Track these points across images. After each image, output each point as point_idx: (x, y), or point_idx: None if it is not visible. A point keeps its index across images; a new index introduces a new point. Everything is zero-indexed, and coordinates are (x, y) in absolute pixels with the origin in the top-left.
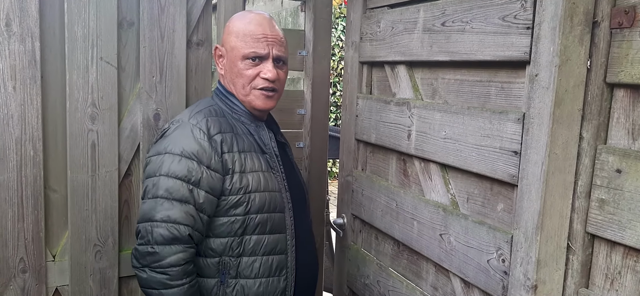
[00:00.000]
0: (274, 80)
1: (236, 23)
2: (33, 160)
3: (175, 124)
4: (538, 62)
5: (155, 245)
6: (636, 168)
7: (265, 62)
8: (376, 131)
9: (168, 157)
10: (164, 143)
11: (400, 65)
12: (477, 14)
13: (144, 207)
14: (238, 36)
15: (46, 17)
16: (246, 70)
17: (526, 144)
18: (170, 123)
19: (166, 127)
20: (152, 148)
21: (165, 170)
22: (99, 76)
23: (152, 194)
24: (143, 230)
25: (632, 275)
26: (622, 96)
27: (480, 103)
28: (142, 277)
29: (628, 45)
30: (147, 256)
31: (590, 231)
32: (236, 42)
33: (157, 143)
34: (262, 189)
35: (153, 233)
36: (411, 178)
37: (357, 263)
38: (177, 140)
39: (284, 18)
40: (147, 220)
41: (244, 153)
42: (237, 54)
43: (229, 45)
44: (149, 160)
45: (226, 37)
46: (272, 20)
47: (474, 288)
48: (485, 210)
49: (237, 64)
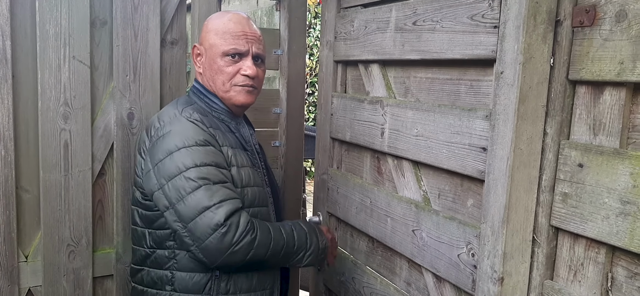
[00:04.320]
0: (254, 77)
1: (215, 21)
2: (4, 160)
3: (167, 121)
4: (503, 60)
5: (225, 225)
6: (597, 163)
7: (245, 59)
8: (351, 129)
9: (186, 150)
10: (170, 141)
11: (374, 64)
12: (447, 13)
13: (190, 204)
14: (217, 33)
15: (17, 16)
16: (226, 67)
17: (492, 140)
18: (158, 122)
19: (156, 126)
20: (154, 153)
21: (190, 162)
22: (72, 75)
23: (190, 188)
24: (204, 224)
25: (593, 266)
26: (583, 93)
27: (450, 101)
28: (237, 258)
29: (589, 43)
30: (225, 239)
31: (555, 224)
32: (215, 40)
33: (160, 145)
34: (252, 184)
35: (216, 217)
36: (385, 176)
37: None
38: (184, 133)
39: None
40: (202, 210)
41: (232, 148)
42: (216, 51)
43: (208, 42)
44: (161, 164)
45: (204, 36)
46: (250, 19)
47: (445, 282)
48: (455, 206)
49: (216, 61)
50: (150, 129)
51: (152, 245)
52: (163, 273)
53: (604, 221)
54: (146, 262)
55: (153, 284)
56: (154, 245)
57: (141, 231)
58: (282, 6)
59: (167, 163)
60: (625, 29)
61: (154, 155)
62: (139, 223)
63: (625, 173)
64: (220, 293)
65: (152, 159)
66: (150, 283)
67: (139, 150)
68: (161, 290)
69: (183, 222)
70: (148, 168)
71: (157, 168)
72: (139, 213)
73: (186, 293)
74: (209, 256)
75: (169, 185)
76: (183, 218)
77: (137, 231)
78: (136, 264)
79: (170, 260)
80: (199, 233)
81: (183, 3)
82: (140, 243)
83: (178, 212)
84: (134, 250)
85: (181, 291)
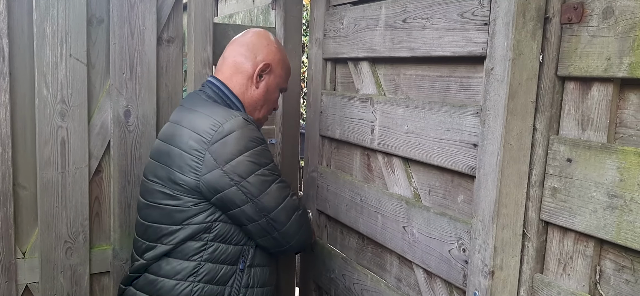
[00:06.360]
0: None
1: (284, 51)
2: (1, 157)
3: (223, 121)
4: (493, 57)
5: (300, 208)
6: (585, 157)
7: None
8: (340, 127)
9: (259, 149)
10: (240, 141)
11: (363, 62)
12: (437, 10)
13: (273, 195)
14: (284, 68)
15: (14, 14)
16: (276, 98)
17: (483, 135)
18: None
19: (212, 129)
20: (220, 152)
21: (264, 160)
22: (69, 73)
23: (269, 182)
24: (288, 208)
25: (582, 259)
26: (572, 88)
27: (440, 98)
28: (304, 237)
29: (577, 40)
30: (301, 219)
31: (544, 218)
32: (282, 73)
33: (227, 144)
34: None
35: (295, 202)
36: (375, 173)
37: (322, 258)
38: (250, 134)
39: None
40: (284, 198)
41: None
42: (279, 83)
43: (278, 70)
44: (236, 162)
45: (275, 59)
46: None
47: (436, 278)
48: (446, 202)
49: (275, 91)
50: (199, 132)
51: (183, 237)
52: (188, 264)
53: (592, 215)
54: (170, 254)
55: (174, 274)
56: (185, 238)
57: (165, 227)
58: (278, 5)
59: (242, 162)
60: (612, 26)
61: (221, 155)
62: (164, 219)
63: (613, 167)
64: (242, 287)
65: (218, 159)
66: (170, 273)
67: (186, 151)
68: (181, 281)
69: (266, 211)
70: (212, 168)
71: (229, 166)
72: (168, 209)
73: (209, 284)
74: (287, 237)
75: (249, 181)
76: (267, 208)
77: (160, 227)
78: (151, 259)
79: (201, 252)
80: (283, 218)
81: (179, 1)
82: (160, 238)
83: (262, 204)
84: (147, 245)
85: (206, 283)
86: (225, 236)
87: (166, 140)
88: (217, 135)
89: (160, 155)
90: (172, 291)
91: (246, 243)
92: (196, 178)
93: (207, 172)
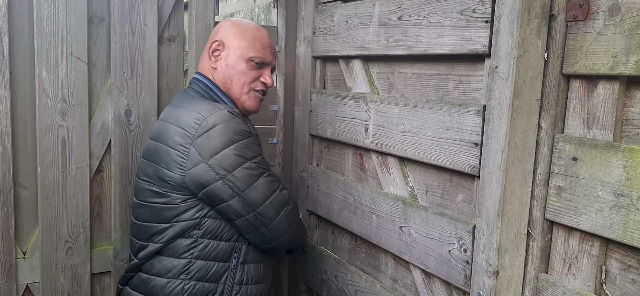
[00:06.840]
0: (269, 87)
1: (243, 26)
2: (2, 157)
3: (208, 115)
4: (498, 55)
5: (289, 204)
6: (591, 156)
7: (266, 68)
8: (332, 126)
9: (244, 142)
10: (224, 134)
11: (356, 60)
12: (435, 8)
13: (260, 189)
14: (247, 38)
15: (15, 12)
16: (249, 71)
17: (487, 134)
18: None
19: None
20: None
21: (250, 153)
22: (69, 72)
23: (256, 175)
24: (276, 203)
25: (588, 259)
26: (577, 87)
27: (438, 96)
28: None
29: (582, 38)
30: (290, 214)
31: (549, 217)
32: (243, 43)
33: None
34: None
35: (284, 197)
36: (368, 172)
37: (313, 259)
38: (235, 127)
39: (256, 14)
40: (272, 193)
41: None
42: (242, 54)
43: (235, 42)
44: (220, 156)
45: (228, 34)
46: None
47: (435, 278)
48: (444, 202)
49: (240, 63)
50: (183, 127)
51: (172, 235)
52: (179, 262)
53: (598, 214)
54: (161, 252)
55: (165, 272)
56: (174, 235)
57: (155, 225)
58: (279, 3)
59: (227, 155)
60: (618, 23)
61: (205, 148)
62: (154, 218)
63: (619, 166)
64: (235, 283)
65: (202, 153)
66: (162, 272)
67: (172, 146)
68: (173, 279)
69: (254, 205)
70: (197, 162)
71: (214, 160)
72: (157, 207)
73: (201, 281)
74: (276, 233)
75: (235, 175)
76: (255, 203)
77: (150, 226)
78: (143, 257)
79: (191, 249)
80: (272, 213)
81: (180, 0)
82: (151, 237)
83: (249, 198)
84: (139, 245)
85: (197, 280)
86: (215, 233)
87: (154, 137)
88: (201, 129)
89: (149, 153)
90: (164, 290)
91: (238, 239)
92: (182, 174)
93: (192, 167)
